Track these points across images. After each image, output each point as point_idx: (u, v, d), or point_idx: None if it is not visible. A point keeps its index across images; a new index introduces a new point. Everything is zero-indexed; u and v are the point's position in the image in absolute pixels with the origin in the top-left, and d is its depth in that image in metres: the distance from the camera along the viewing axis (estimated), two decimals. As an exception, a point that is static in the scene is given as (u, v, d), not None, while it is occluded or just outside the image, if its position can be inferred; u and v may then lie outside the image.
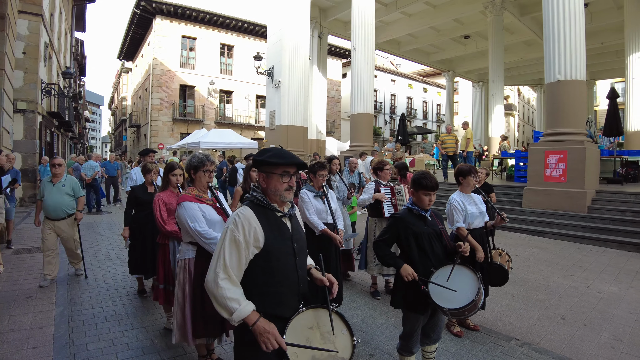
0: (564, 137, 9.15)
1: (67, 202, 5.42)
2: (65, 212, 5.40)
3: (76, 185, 5.54)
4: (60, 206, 5.33)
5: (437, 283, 2.70)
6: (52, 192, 5.31)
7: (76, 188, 5.54)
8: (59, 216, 5.35)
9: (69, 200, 5.44)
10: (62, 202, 5.35)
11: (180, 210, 2.97)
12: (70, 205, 5.48)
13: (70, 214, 5.48)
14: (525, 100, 52.87)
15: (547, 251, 7.49)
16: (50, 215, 5.34)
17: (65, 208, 5.39)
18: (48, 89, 14.46)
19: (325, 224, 4.09)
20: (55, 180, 5.40)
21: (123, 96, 43.53)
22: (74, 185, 5.51)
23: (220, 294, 1.79)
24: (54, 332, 3.89)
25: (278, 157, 1.93)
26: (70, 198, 5.47)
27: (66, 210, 5.40)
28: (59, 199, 5.33)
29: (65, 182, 5.42)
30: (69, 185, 5.44)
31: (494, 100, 20.07)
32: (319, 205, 4.15)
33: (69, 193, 5.44)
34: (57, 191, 5.33)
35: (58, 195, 5.32)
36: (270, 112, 18.37)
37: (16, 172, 7.49)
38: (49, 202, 5.29)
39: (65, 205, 5.39)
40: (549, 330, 4.17)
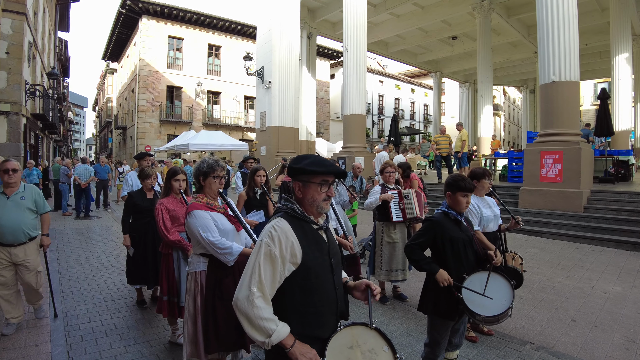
0: (559, 137, 9.22)
1: (29, 221, 4.06)
2: (26, 235, 4.03)
3: (39, 198, 4.18)
4: (20, 226, 3.96)
5: (475, 290, 2.65)
6: (7, 208, 3.93)
7: (40, 201, 4.17)
8: (17, 240, 3.97)
9: (30, 218, 4.08)
10: (22, 221, 3.98)
11: (191, 219, 2.79)
12: (33, 224, 4.11)
13: (32, 236, 4.11)
14: (511, 100, 53.61)
15: (547, 251, 7.51)
16: (4, 240, 3.93)
17: (26, 229, 4.01)
18: (32, 90, 14.06)
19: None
20: (9, 191, 4.01)
21: (108, 97, 42.74)
22: (36, 198, 4.15)
23: (256, 314, 1.63)
24: (51, 350, 3.67)
25: (317, 165, 1.78)
26: (33, 215, 4.12)
27: (27, 231, 4.03)
28: (17, 216, 3.95)
29: (24, 193, 4.07)
30: (29, 198, 4.09)
31: (483, 101, 20.24)
32: None
33: (31, 208, 4.09)
34: (13, 206, 3.96)
35: (15, 211, 3.96)
36: (260, 113, 18.22)
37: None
38: (3, 222, 3.88)
39: (26, 225, 4.02)
40: (561, 333, 4.13)
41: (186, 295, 2.90)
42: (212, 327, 2.74)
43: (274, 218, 1.81)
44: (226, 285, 2.77)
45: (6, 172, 3.97)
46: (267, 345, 1.64)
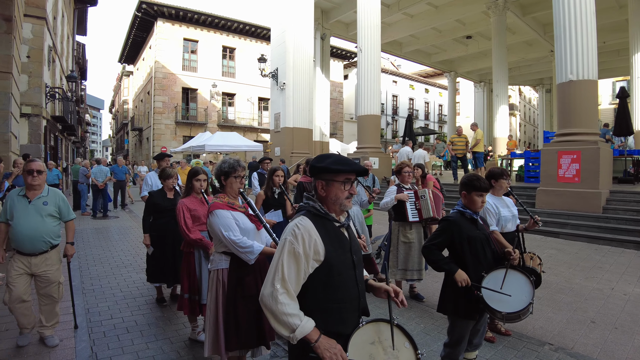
0: (577, 137, 9.09)
1: (51, 228, 3.66)
2: (48, 243, 3.65)
3: (64, 204, 3.80)
4: (40, 234, 3.57)
5: (492, 289, 2.66)
6: (27, 213, 3.56)
7: (64, 208, 3.80)
8: (37, 249, 3.59)
9: (52, 225, 3.68)
10: (43, 228, 3.59)
11: (213, 218, 2.85)
12: (55, 232, 3.71)
13: (54, 245, 3.72)
14: (527, 100, 52.91)
15: (564, 252, 7.42)
16: (23, 248, 3.56)
17: (47, 237, 3.62)
18: (52, 92, 14.37)
19: None
20: (31, 194, 3.63)
21: (124, 99, 43.41)
22: (60, 204, 3.77)
23: (279, 310, 1.68)
24: (75, 345, 3.77)
25: (340, 163, 1.82)
26: (55, 222, 3.73)
27: (49, 240, 3.64)
28: (38, 223, 3.57)
29: (47, 198, 3.69)
30: (53, 203, 3.70)
31: (498, 101, 20.03)
32: None
33: (53, 214, 3.69)
34: (34, 211, 3.58)
35: (36, 217, 3.57)
36: (275, 114, 18.33)
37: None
38: (22, 228, 3.51)
39: (48, 233, 3.63)
40: (581, 334, 4.10)
41: (208, 293, 2.96)
42: (233, 324, 2.79)
43: (297, 216, 1.85)
44: (247, 283, 2.83)
45: (30, 173, 3.57)
46: (293, 339, 1.69)
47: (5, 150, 7.59)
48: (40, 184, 3.69)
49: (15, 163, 7.30)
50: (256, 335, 2.84)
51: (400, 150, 14.30)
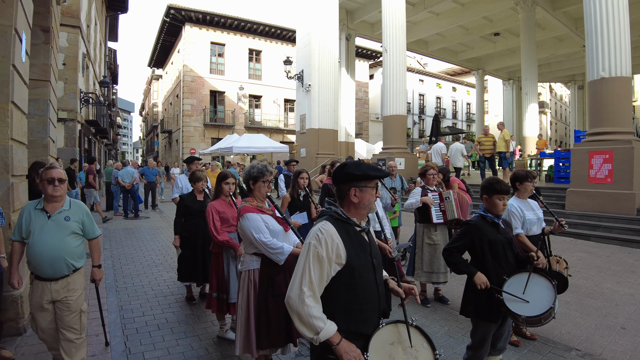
0: (610, 136, 8.80)
1: (73, 249, 3.10)
2: (70, 267, 3.09)
3: (88, 218, 3.25)
4: (62, 255, 3.02)
5: (511, 294, 2.68)
6: (47, 231, 3.01)
7: (88, 222, 3.24)
8: (58, 273, 3.03)
9: (75, 244, 3.12)
10: (65, 248, 3.03)
11: (244, 221, 2.98)
12: (78, 253, 3.16)
13: (77, 267, 3.16)
14: (558, 97, 51.34)
15: (595, 256, 7.23)
16: (42, 272, 3.01)
17: (70, 259, 3.06)
18: (86, 98, 15.02)
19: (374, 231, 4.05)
20: (51, 207, 3.08)
21: (154, 102, 44.64)
22: (84, 218, 3.21)
23: (306, 312, 1.77)
24: (110, 340, 3.97)
25: (375, 170, 1.94)
26: (78, 240, 3.17)
27: (71, 262, 3.08)
28: (59, 242, 3.02)
29: (69, 212, 3.14)
30: (76, 218, 3.15)
31: (528, 99, 19.57)
32: None
33: (76, 231, 3.13)
34: (55, 228, 3.03)
35: (57, 235, 3.02)
36: (300, 115, 18.48)
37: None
38: (41, 248, 2.97)
39: (71, 254, 3.07)
40: (609, 341, 4.01)
41: (239, 293, 3.08)
42: (265, 323, 2.90)
43: (320, 221, 1.94)
44: (278, 283, 2.95)
45: (51, 182, 3.02)
46: (316, 341, 1.78)
47: (44, 154, 7.95)
48: (62, 195, 3.14)
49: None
50: (285, 333, 2.95)
51: (434, 146, 14.16)
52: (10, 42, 3.90)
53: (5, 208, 3.88)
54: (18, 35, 4.12)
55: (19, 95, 4.23)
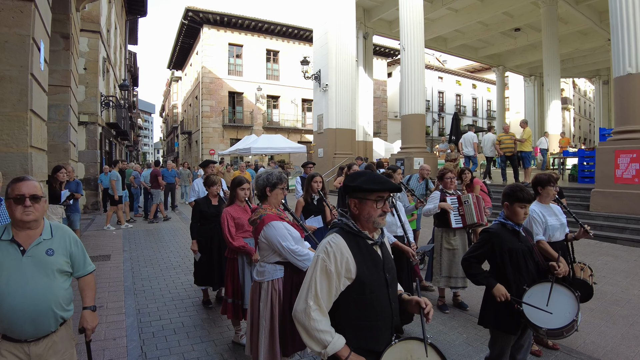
0: (638, 134, 8.48)
1: (62, 293, 2.21)
2: (58, 320, 2.20)
3: (77, 247, 2.36)
4: (49, 305, 2.14)
5: (533, 305, 2.59)
6: (24, 272, 2.10)
7: (78, 253, 2.36)
8: (41, 331, 2.14)
9: (63, 287, 2.24)
10: (52, 296, 2.16)
11: (270, 230, 2.92)
12: (67, 298, 2.27)
13: (65, 319, 2.27)
14: (582, 92, 49.98)
15: (622, 260, 6.97)
16: (17, 332, 2.10)
17: (57, 309, 2.18)
18: (107, 101, 15.30)
19: (395, 236, 3.99)
20: (25, 237, 2.17)
21: (174, 104, 45.29)
22: (72, 249, 2.32)
23: (312, 326, 1.73)
24: (127, 344, 4.00)
25: (373, 182, 1.84)
26: (66, 281, 2.28)
27: (59, 313, 2.20)
28: (44, 287, 2.13)
29: (52, 242, 2.23)
30: (61, 249, 2.25)
31: (550, 95, 19.09)
32: (388, 217, 4.03)
33: (64, 269, 2.25)
34: (35, 268, 2.13)
35: (39, 277, 2.13)
36: (318, 115, 18.45)
37: (77, 183, 7.79)
38: (17, 301, 2.06)
39: (57, 302, 2.18)
40: (637, 352, 3.84)
41: (261, 304, 3.03)
42: (290, 329, 2.87)
43: (330, 234, 1.89)
44: None
45: (19, 200, 2.10)
46: (324, 355, 1.74)
47: (65, 158, 8.16)
48: (38, 219, 2.19)
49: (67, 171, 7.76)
50: None
51: (465, 135, 13.90)
52: (29, 51, 3.97)
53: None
54: (36, 45, 4.19)
55: (37, 103, 4.31)
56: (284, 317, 2.89)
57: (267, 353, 2.95)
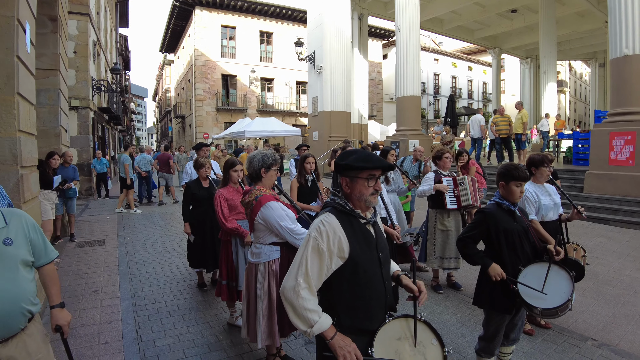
0: (632, 117, 8.47)
1: (27, 287, 1.95)
2: (26, 315, 1.94)
3: (36, 233, 2.07)
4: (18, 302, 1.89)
5: (529, 286, 2.60)
6: None
7: (38, 239, 2.07)
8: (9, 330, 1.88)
9: (29, 277, 2.00)
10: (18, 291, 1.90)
11: (267, 211, 2.90)
12: (33, 291, 1.99)
13: (33, 314, 2.00)
14: (577, 75, 49.83)
15: (614, 241, 7.03)
16: None
17: (25, 304, 1.92)
18: (98, 85, 15.05)
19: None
20: None
21: (167, 88, 44.72)
22: (31, 235, 2.04)
23: (300, 305, 1.72)
24: (122, 328, 4.00)
25: (363, 160, 1.80)
26: (31, 271, 2.04)
27: (27, 308, 1.94)
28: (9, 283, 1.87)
29: (8, 229, 1.95)
30: (20, 237, 1.98)
31: (546, 78, 19.01)
32: None
33: (27, 258, 1.99)
34: None
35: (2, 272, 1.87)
36: (312, 98, 18.30)
37: (74, 169, 7.77)
38: None
39: (24, 296, 1.93)
40: (628, 330, 3.89)
41: (257, 286, 3.03)
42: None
43: (323, 213, 1.87)
44: None
45: None
46: (309, 334, 1.73)
47: (56, 143, 8.04)
48: None
49: (65, 156, 7.71)
50: None
51: (473, 117, 13.88)
52: (14, 33, 3.85)
53: (16, 199, 3.90)
54: (22, 26, 4.06)
55: (25, 87, 4.20)
56: None
57: (265, 334, 2.96)
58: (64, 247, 7.17)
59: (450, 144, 12.65)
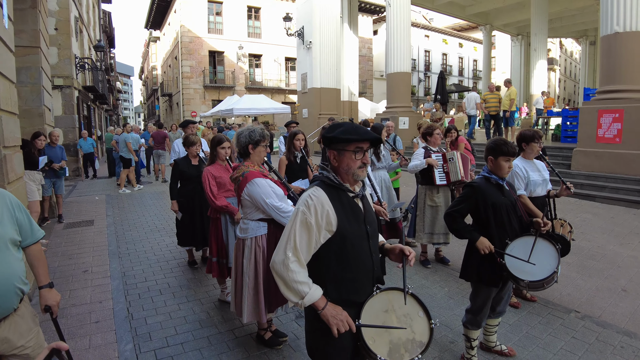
0: (621, 94, 8.49)
1: (17, 266, 1.92)
2: (18, 294, 1.93)
3: (21, 211, 2.02)
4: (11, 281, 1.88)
5: (517, 257, 2.63)
6: None
7: (24, 218, 2.03)
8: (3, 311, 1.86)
9: (17, 258, 1.95)
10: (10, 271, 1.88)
11: (253, 187, 2.89)
12: (22, 271, 1.96)
13: (24, 293, 1.98)
14: (568, 53, 49.78)
15: (600, 217, 7.15)
16: None
17: (18, 283, 1.91)
18: (82, 63, 14.66)
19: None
20: None
21: (153, 65, 43.77)
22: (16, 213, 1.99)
23: (290, 277, 1.73)
24: (113, 306, 4.01)
25: (350, 132, 1.78)
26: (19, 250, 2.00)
27: (19, 287, 1.92)
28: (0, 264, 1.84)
29: None
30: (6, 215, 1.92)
31: (536, 55, 18.96)
32: None
33: (14, 237, 1.94)
34: None
35: None
36: (302, 74, 18.07)
37: (61, 149, 7.65)
38: None
39: (16, 276, 1.90)
40: (610, 303, 3.99)
41: (244, 261, 3.04)
42: (274, 286, 2.89)
43: (311, 187, 1.87)
44: None
45: None
46: (301, 306, 1.76)
47: (40, 123, 7.83)
48: None
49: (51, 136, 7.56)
50: None
51: (468, 95, 13.87)
52: (-12, 6, 3.68)
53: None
54: (-3, -2, 3.89)
55: (4, 64, 4.06)
56: (269, 273, 2.88)
57: (251, 309, 2.98)
58: (52, 228, 7.09)
59: (440, 120, 12.61)
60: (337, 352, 1.85)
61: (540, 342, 3.27)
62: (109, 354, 3.17)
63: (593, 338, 3.32)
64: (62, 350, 1.05)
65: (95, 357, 3.12)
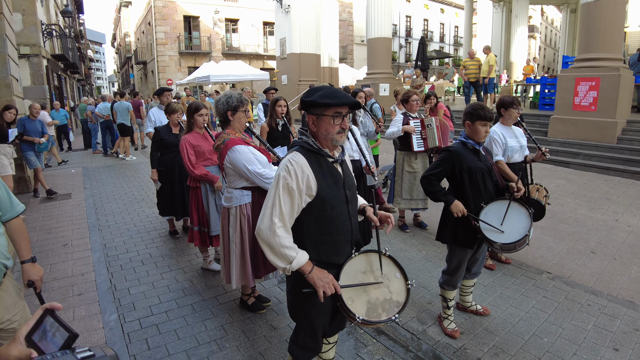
0: (598, 62, 8.57)
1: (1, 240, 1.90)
2: (1, 270, 1.87)
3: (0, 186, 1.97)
4: None
5: (488, 223, 2.71)
6: None
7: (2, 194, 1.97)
8: None
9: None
10: None
11: (234, 155, 2.85)
12: (5, 245, 1.92)
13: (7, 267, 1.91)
14: (549, 21, 49.72)
15: (573, 183, 7.37)
16: None
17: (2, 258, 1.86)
18: (49, 30, 13.88)
19: (351, 161, 3.98)
20: None
21: (125, 32, 41.86)
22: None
23: (277, 242, 1.75)
24: (95, 278, 3.99)
25: (329, 97, 1.76)
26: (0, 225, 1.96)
27: (3, 261, 1.87)
28: None
29: None
30: None
31: (517, 22, 18.90)
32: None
33: None
34: None
35: None
36: (280, 39, 17.66)
37: (41, 123, 7.44)
38: None
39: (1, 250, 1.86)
40: (579, 264, 4.18)
41: (228, 228, 3.05)
42: (261, 253, 2.92)
43: (290, 152, 1.87)
44: None
45: None
46: (288, 271, 1.79)
47: (8, 94, 7.45)
48: None
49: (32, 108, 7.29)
50: None
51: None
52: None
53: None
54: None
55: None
56: (254, 240, 2.90)
57: (238, 276, 3.02)
58: (29, 203, 6.93)
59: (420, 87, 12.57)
60: (317, 312, 1.92)
61: (513, 301, 3.43)
62: (93, 324, 3.18)
63: (562, 297, 3.49)
64: (55, 310, 1.05)
65: (80, 329, 3.12)
